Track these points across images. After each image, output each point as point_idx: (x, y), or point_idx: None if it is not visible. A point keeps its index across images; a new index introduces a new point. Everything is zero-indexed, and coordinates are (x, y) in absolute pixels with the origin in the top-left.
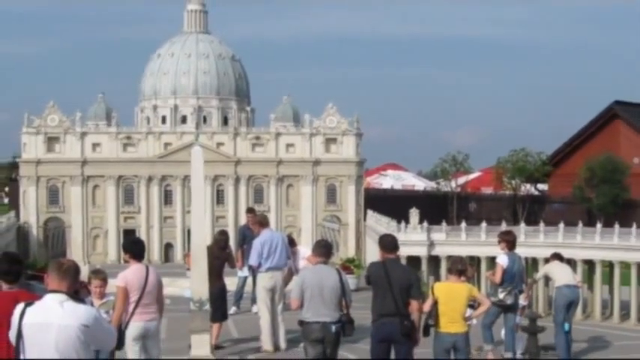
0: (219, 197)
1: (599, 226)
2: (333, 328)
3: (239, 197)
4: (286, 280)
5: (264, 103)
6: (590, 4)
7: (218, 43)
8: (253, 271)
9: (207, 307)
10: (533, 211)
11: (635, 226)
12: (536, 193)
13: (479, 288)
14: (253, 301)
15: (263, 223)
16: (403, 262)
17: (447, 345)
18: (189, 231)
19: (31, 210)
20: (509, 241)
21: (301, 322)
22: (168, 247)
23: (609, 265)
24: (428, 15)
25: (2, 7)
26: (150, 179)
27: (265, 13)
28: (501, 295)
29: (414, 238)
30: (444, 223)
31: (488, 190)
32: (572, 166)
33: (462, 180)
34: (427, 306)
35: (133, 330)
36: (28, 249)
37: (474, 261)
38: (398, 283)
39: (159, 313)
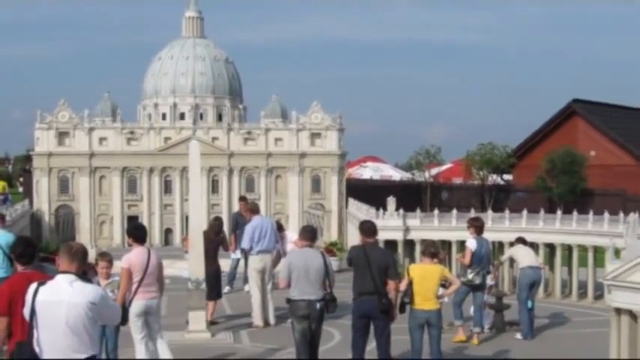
0: (214, 187)
1: (559, 213)
2: (318, 305)
3: (232, 187)
4: (275, 262)
5: (255, 101)
6: (550, 12)
7: (213, 46)
8: (245, 253)
9: (204, 286)
10: (499, 200)
11: (591, 213)
12: (502, 183)
13: (450, 269)
14: (245, 281)
15: (254, 210)
16: (381, 245)
17: (421, 321)
18: (187, 217)
19: (44, 198)
20: (477, 227)
21: (289, 300)
22: (167, 232)
23: (568, 249)
24: (404, 22)
25: (18, 14)
26: (151, 170)
27: (256, 20)
28: (470, 276)
29: (391, 224)
30: (418, 210)
31: (458, 180)
32: (534, 158)
33: (434, 171)
34: (403, 285)
35: (135, 307)
36: (40, 234)
37: (446, 244)
38: (376, 264)
39: (159, 291)
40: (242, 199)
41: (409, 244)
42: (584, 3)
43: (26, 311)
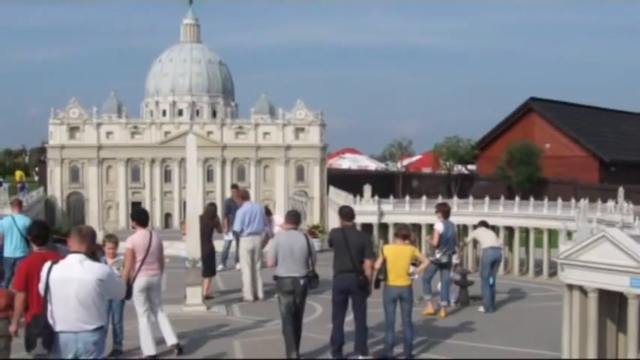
0: (209, 176)
1: (517, 199)
2: (302, 281)
3: (225, 176)
4: (263, 243)
5: (246, 99)
6: (511, 18)
7: (208, 50)
8: (237, 235)
9: (200, 264)
10: (464, 187)
11: (546, 199)
12: (466, 172)
13: (420, 249)
14: (237, 260)
15: (245, 196)
16: (358, 228)
17: (394, 295)
18: (184, 203)
19: (57, 186)
20: (444, 211)
21: (276, 277)
22: (167, 216)
23: (525, 231)
24: (379, 28)
25: (34, 21)
26: (153, 161)
27: (247, 27)
28: (438, 255)
29: (367, 209)
30: (391, 197)
31: (427, 170)
32: (495, 150)
33: (406, 162)
34: (378, 264)
35: (139, 283)
36: (54, 218)
37: (416, 227)
38: (354, 245)
39: (160, 269)
40: (234, 186)
41: (383, 227)
42: (539, 11)
43: (41, 287)
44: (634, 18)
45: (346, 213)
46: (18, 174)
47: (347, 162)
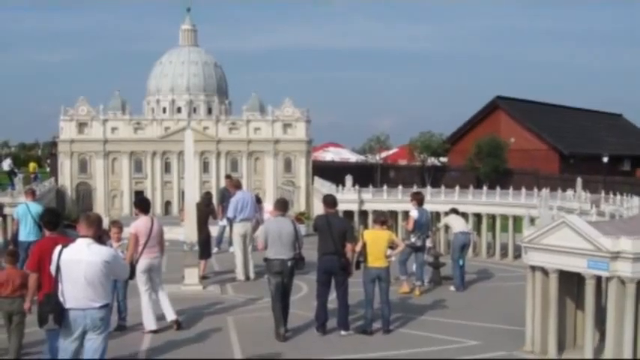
0: (205, 167)
1: (485, 188)
2: (289, 263)
3: (219, 167)
4: (254, 228)
5: (238, 97)
6: (479, 24)
7: (204, 53)
8: (230, 221)
9: (196, 248)
10: (437, 178)
11: (511, 188)
12: (439, 164)
13: (396, 234)
14: (230, 243)
15: (237, 186)
16: (340, 215)
17: (372, 276)
18: (183, 192)
19: (67, 177)
20: (418, 199)
21: (265, 259)
22: (167, 204)
23: (492, 217)
24: (360, 32)
25: (46, 26)
26: (154, 154)
27: (240, 32)
28: (413, 239)
29: (349, 198)
30: (370, 187)
31: (403, 162)
32: (465, 144)
33: (384, 154)
34: (358, 247)
35: (141, 265)
36: (64, 205)
37: (393, 214)
38: (337, 230)
39: (161, 252)
40: (228, 177)
41: (363, 214)
42: (504, 16)
43: (52, 268)
44: (589, 24)
45: (329, 201)
46: (31, 166)
47: (330, 155)
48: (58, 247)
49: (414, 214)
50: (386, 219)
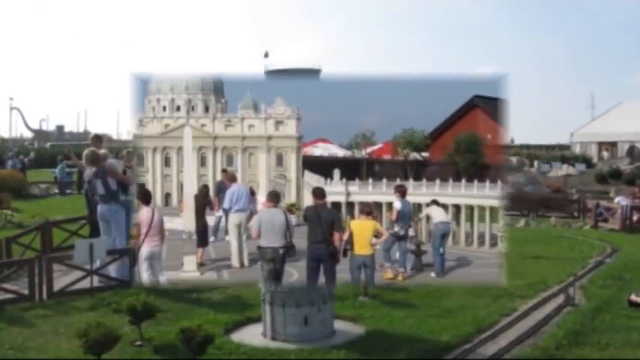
0: (202, 162)
1: (463, 181)
2: (281, 251)
3: (216, 162)
4: (249, 219)
5: (234, 97)
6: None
7: None
8: (226, 212)
9: (194, 237)
10: (418, 172)
11: (488, 181)
12: (420, 159)
13: (381, 224)
14: (226, 232)
15: (232, 179)
16: (329, 206)
17: (358, 263)
18: (182, 185)
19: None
20: (401, 192)
21: (259, 247)
22: (167, 196)
23: (470, 208)
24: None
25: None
26: (155, 149)
27: None
28: (396, 229)
29: (336, 190)
30: (357, 180)
31: (387, 157)
32: (445, 140)
33: (369, 150)
34: (345, 236)
35: (143, 253)
36: None
37: (378, 205)
38: (325, 220)
39: (161, 241)
40: (224, 171)
41: (350, 205)
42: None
43: None
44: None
45: (318, 193)
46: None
47: (319, 150)
48: None
49: (397, 205)
50: (371, 210)
